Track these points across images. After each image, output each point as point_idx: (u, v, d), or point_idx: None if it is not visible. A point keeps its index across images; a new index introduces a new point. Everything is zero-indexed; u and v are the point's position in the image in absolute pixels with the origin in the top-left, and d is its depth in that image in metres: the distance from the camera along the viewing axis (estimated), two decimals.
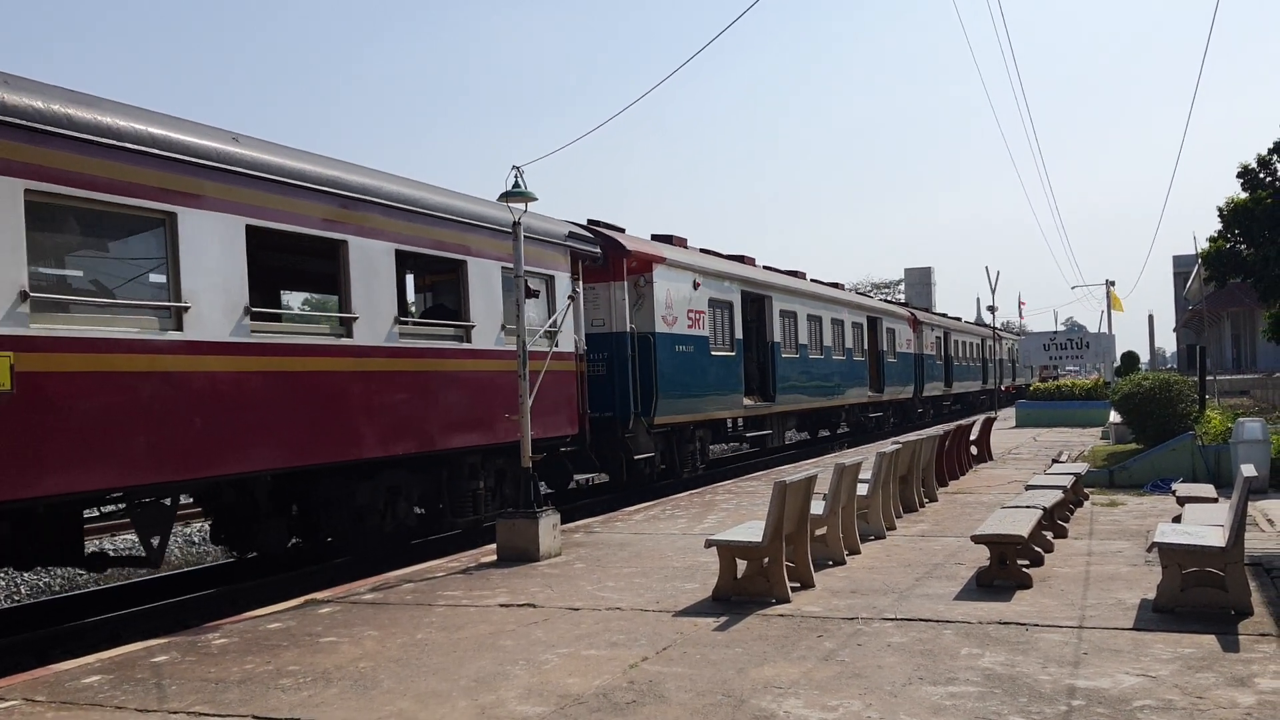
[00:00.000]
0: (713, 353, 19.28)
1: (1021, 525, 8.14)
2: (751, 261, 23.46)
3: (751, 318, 22.24)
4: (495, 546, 10.26)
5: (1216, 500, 10.03)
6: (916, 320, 36.11)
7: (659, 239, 19.14)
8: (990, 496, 13.62)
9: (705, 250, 21.16)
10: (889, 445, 12.13)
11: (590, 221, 17.11)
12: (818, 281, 28.61)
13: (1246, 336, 52.59)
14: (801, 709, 5.15)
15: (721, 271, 20.29)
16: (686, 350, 18.14)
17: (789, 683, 5.59)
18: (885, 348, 31.75)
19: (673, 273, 17.93)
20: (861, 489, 10.23)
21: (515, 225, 10.56)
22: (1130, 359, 36.70)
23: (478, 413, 12.15)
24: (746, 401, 21.08)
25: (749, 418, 21.78)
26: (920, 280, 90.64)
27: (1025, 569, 8.11)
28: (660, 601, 7.82)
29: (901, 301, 55.48)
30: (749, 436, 22.47)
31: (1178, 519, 8.97)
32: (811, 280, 27.67)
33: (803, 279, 26.57)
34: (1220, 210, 23.47)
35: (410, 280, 14.74)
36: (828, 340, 26.16)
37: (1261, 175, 22.91)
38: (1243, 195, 23.16)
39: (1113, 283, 35.63)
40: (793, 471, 14.17)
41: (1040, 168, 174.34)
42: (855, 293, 36.79)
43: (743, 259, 22.93)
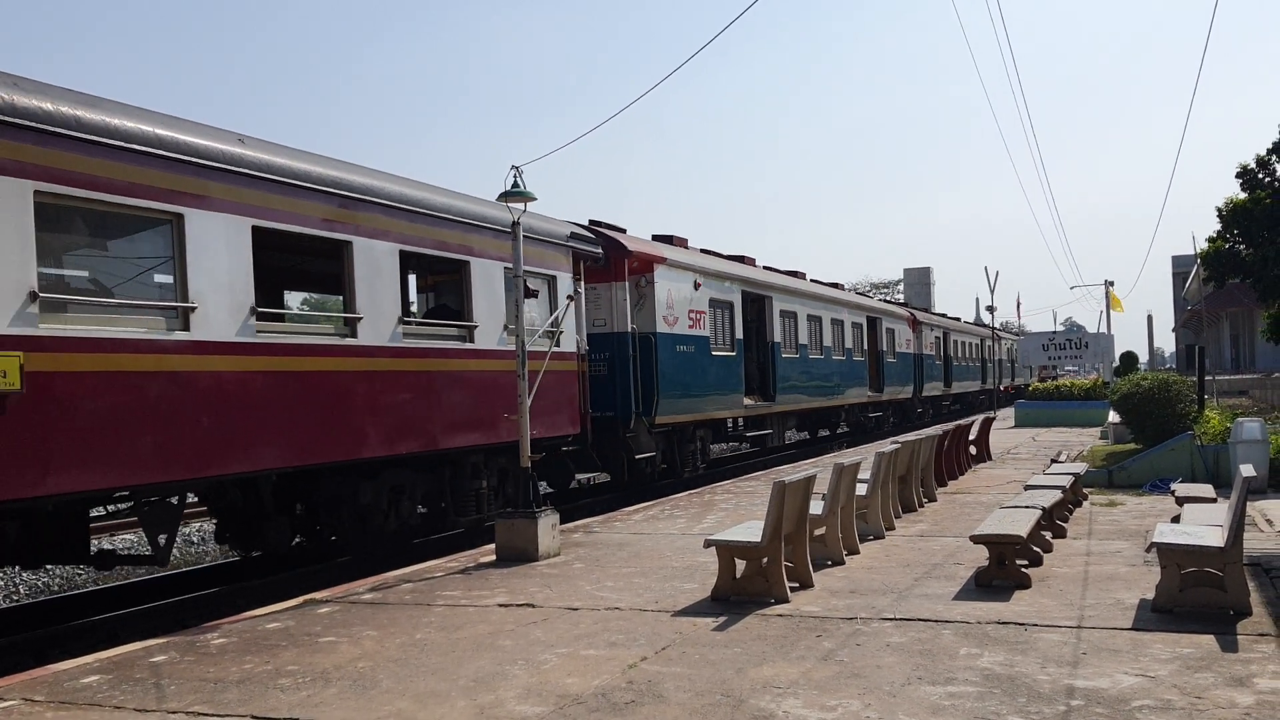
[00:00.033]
0: (713, 353, 19.30)
1: (1020, 525, 8.14)
2: (752, 262, 23.47)
3: (752, 318, 22.26)
4: (494, 546, 10.28)
5: (1215, 500, 10.04)
6: (916, 320, 36.13)
7: (660, 239, 19.14)
8: (989, 496, 13.62)
9: (706, 250, 21.17)
10: (888, 445, 12.13)
11: (592, 222, 17.10)
12: (818, 282, 28.63)
13: (1245, 337, 52.60)
14: (800, 709, 5.15)
15: (722, 272, 20.30)
16: (687, 350, 18.16)
17: (788, 682, 5.59)
18: (885, 348, 31.77)
19: (674, 273, 17.95)
20: (860, 489, 10.23)
21: (514, 225, 10.60)
22: (1129, 359, 36.69)
23: (480, 412, 12.17)
24: (747, 401, 21.10)
25: (749, 417, 21.79)
26: (919, 280, 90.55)
27: (1024, 569, 8.11)
28: (659, 601, 7.82)
29: (900, 301, 55.49)
30: (749, 436, 22.48)
31: (1176, 519, 8.98)
32: (811, 280, 27.69)
33: (803, 279, 26.59)
34: (1219, 210, 23.48)
35: (413, 280, 14.75)
36: (828, 340, 26.17)
37: (1260, 175, 22.91)
38: (1242, 195, 23.16)
39: (1111, 283, 35.65)
40: (791, 471, 14.17)
41: (1039, 168, 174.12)
42: (855, 293, 36.78)
43: (743, 259, 22.93)
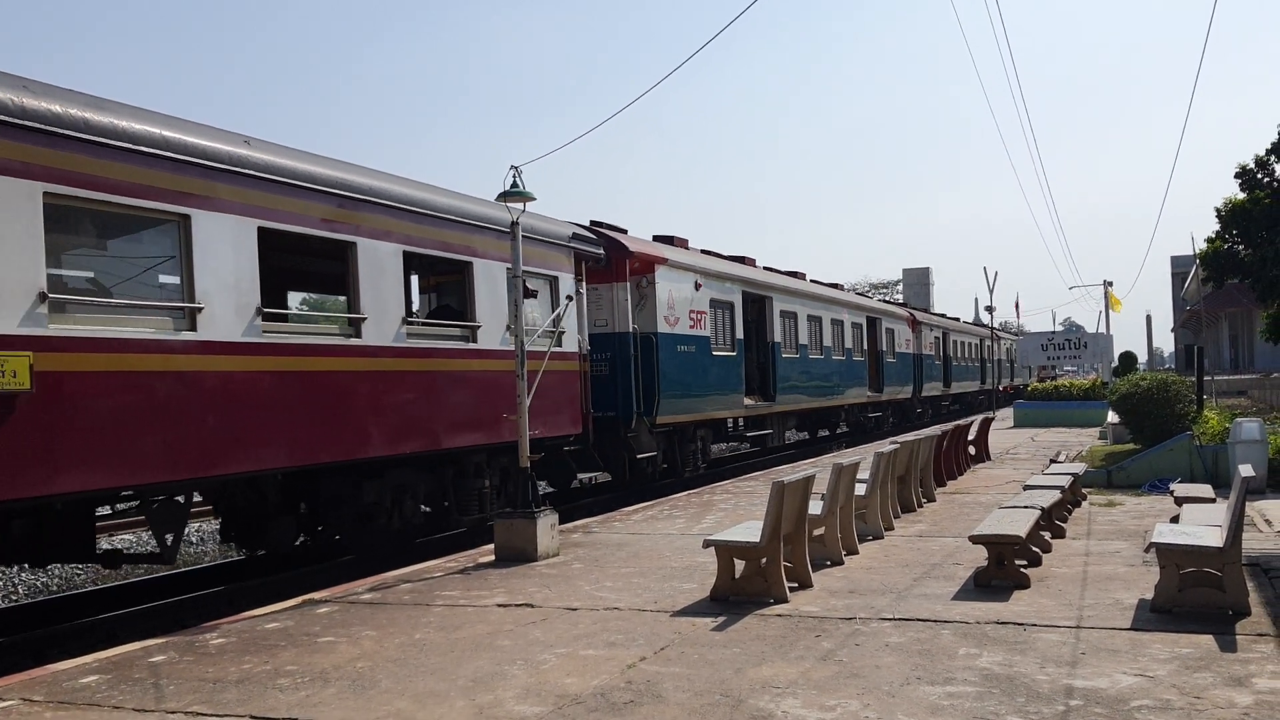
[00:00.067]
0: (714, 353, 19.32)
1: (1019, 525, 8.14)
2: (752, 262, 23.49)
3: (752, 318, 22.29)
4: (493, 546, 10.28)
5: (1214, 500, 10.03)
6: (915, 321, 36.14)
7: (661, 240, 19.16)
8: (988, 497, 13.62)
9: (706, 251, 21.19)
10: (887, 445, 12.13)
11: (593, 223, 17.12)
12: (817, 282, 28.65)
13: (1244, 337, 52.59)
14: (799, 709, 5.15)
15: (723, 272, 20.32)
16: (688, 350, 18.19)
17: (787, 682, 5.59)
18: (884, 348, 31.79)
19: (675, 274, 17.98)
20: (859, 489, 10.23)
21: (513, 225, 10.62)
22: (1128, 359, 36.64)
23: (483, 412, 12.20)
24: (747, 401, 21.12)
25: (750, 417, 21.82)
26: (918, 280, 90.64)
27: (1023, 569, 8.11)
28: (658, 601, 7.82)
29: (899, 302, 55.52)
30: (750, 436, 22.51)
31: (1175, 519, 8.97)
32: (811, 281, 27.71)
33: (802, 280, 26.61)
34: (1218, 211, 23.48)
35: (416, 281, 14.75)
36: (827, 340, 26.19)
37: (1259, 176, 22.90)
38: (1240, 196, 23.16)
39: (1110, 283, 35.76)
40: (790, 472, 14.17)
41: (1039, 168, 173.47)
42: (854, 293, 36.81)
43: (743, 260, 22.95)
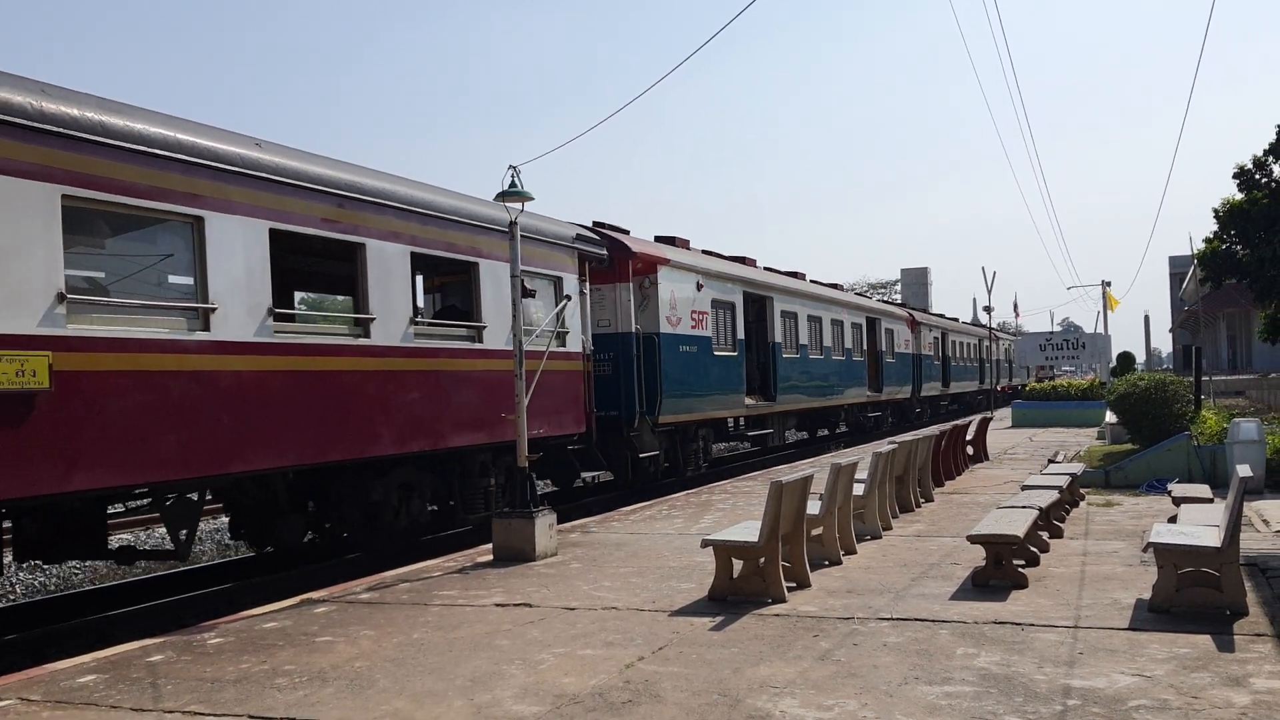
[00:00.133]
0: (715, 353, 19.36)
1: (1017, 525, 8.14)
2: (753, 263, 23.54)
3: (753, 318, 22.35)
4: (491, 546, 10.28)
5: (1212, 500, 10.04)
6: (915, 321, 36.16)
7: (663, 240, 19.21)
8: (986, 497, 13.63)
9: (708, 251, 21.24)
10: (885, 445, 12.13)
11: (595, 223, 17.18)
12: (817, 282, 28.68)
13: (1242, 337, 52.65)
14: (797, 709, 5.15)
15: (724, 273, 20.37)
16: (690, 350, 18.23)
17: (785, 682, 5.60)
18: (884, 348, 31.81)
19: (677, 274, 18.02)
20: (858, 489, 10.23)
21: (512, 225, 10.63)
22: (1126, 359, 36.61)
23: (488, 412, 12.23)
24: (748, 401, 21.17)
25: (750, 417, 21.87)
26: (916, 280, 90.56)
27: (1021, 569, 8.11)
28: (656, 601, 7.83)
29: (898, 302, 55.55)
30: (750, 436, 22.56)
31: (1173, 519, 8.98)
32: (811, 281, 27.74)
33: (802, 280, 26.64)
34: (1216, 211, 23.46)
35: (421, 281, 14.79)
36: (828, 341, 26.23)
37: (1257, 176, 22.88)
38: (1238, 196, 23.14)
39: (1109, 283, 35.71)
40: (789, 471, 14.17)
41: (1037, 168, 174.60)
42: (853, 293, 36.83)
43: (744, 260, 23.00)
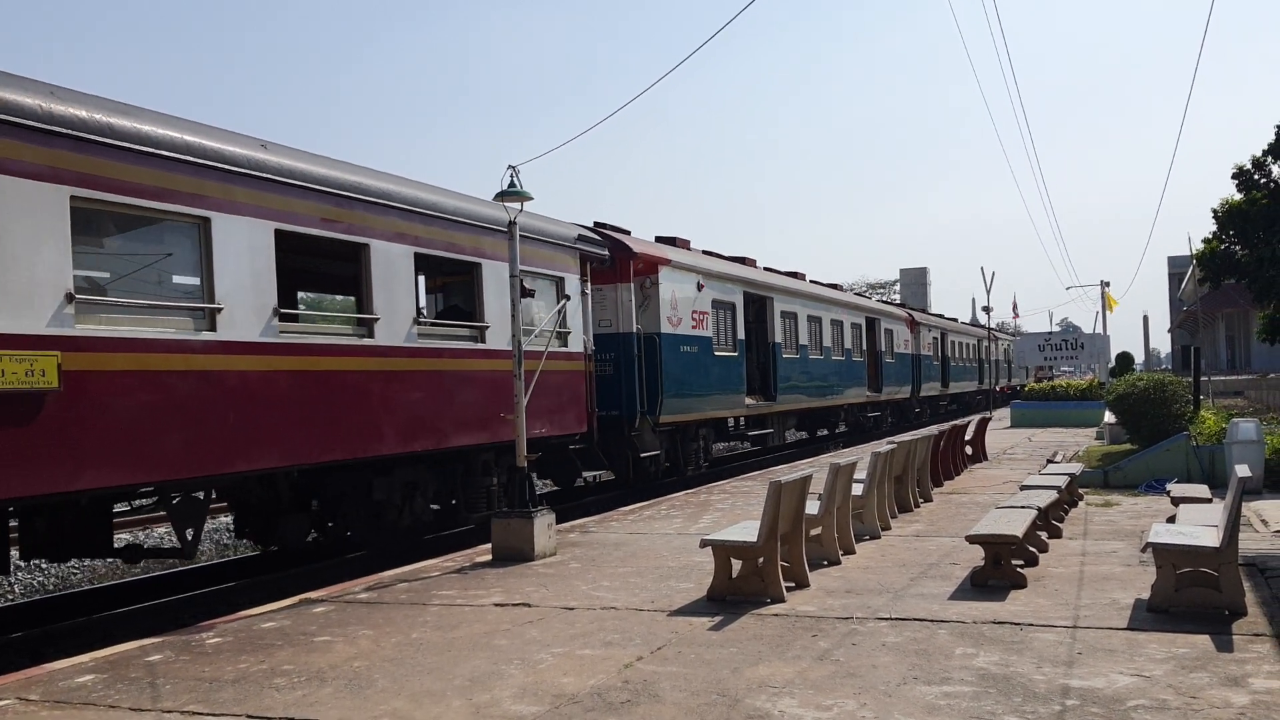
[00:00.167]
0: (716, 353, 19.39)
1: (1016, 525, 8.15)
2: (753, 263, 23.58)
3: (753, 318, 22.38)
4: (490, 546, 10.28)
5: (1211, 501, 10.04)
6: (914, 321, 36.17)
7: (663, 241, 19.24)
8: (985, 497, 13.63)
9: (708, 252, 21.27)
10: (884, 445, 12.14)
11: (596, 224, 17.23)
12: (817, 283, 28.72)
13: (1241, 337, 52.70)
14: (796, 708, 5.15)
15: (724, 273, 20.39)
16: (691, 351, 18.26)
17: (784, 682, 5.59)
18: (883, 348, 31.83)
19: (677, 274, 18.05)
20: (857, 489, 10.23)
21: (510, 224, 10.64)
22: (1125, 360, 36.62)
23: (491, 411, 12.26)
24: (748, 401, 21.20)
25: (751, 417, 21.90)
26: (915, 280, 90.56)
27: (1020, 569, 8.11)
28: (655, 601, 7.83)
29: (897, 302, 55.57)
30: (751, 435, 22.59)
31: (1172, 519, 8.99)
32: (811, 281, 27.77)
33: (802, 280, 26.67)
34: (1215, 212, 23.45)
35: (424, 281, 14.81)
36: (827, 341, 26.26)
37: (1256, 176, 22.87)
38: (1237, 196, 23.14)
39: (1107, 284, 35.67)
40: (788, 471, 14.18)
41: (1036, 169, 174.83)
42: (853, 294, 36.85)
43: (744, 260, 23.04)
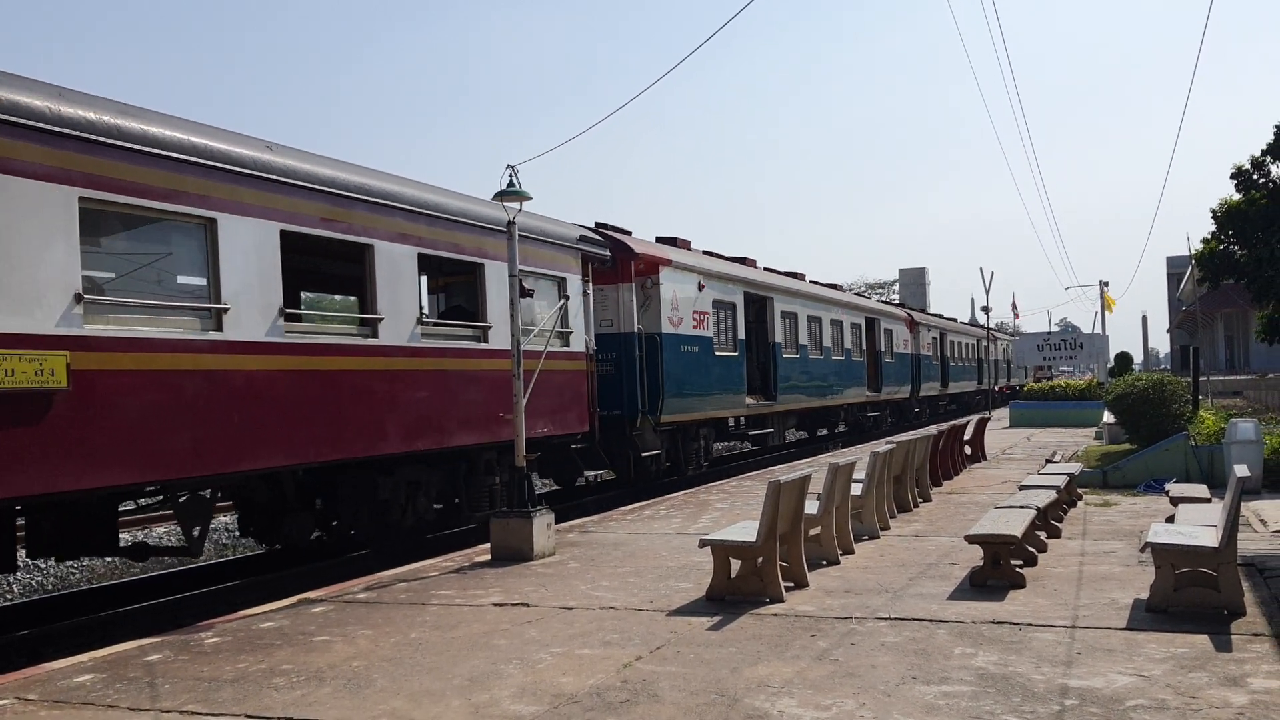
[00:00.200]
0: (716, 353, 19.42)
1: (1015, 525, 8.15)
2: (753, 263, 23.61)
3: (753, 318, 22.42)
4: (489, 546, 10.28)
5: (1210, 501, 10.05)
6: (914, 321, 36.18)
7: (664, 241, 19.28)
8: (984, 496, 13.63)
9: (708, 252, 21.30)
10: (883, 445, 12.14)
11: (598, 224, 17.27)
12: (817, 283, 28.75)
13: (1240, 338, 52.69)
14: (795, 708, 5.15)
15: (725, 273, 20.43)
16: (691, 350, 18.30)
17: (783, 682, 5.60)
18: (883, 348, 31.85)
19: (678, 275, 18.09)
20: (856, 489, 10.24)
21: (510, 224, 10.65)
22: (1124, 360, 36.64)
23: (494, 411, 12.28)
24: (749, 401, 21.23)
25: (751, 416, 21.93)
26: (915, 280, 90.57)
27: (1019, 569, 8.12)
28: (654, 601, 7.83)
29: (896, 302, 55.58)
30: (751, 435, 22.62)
31: (1171, 519, 9.00)
32: (811, 281, 27.80)
33: (802, 280, 26.69)
34: (1213, 212, 23.46)
35: (427, 281, 14.82)
36: (827, 341, 26.29)
37: (1255, 176, 22.87)
38: (1236, 197, 23.16)
39: (1106, 284, 35.73)
40: (787, 471, 14.18)
41: (1035, 169, 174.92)
42: (853, 294, 36.87)
43: (744, 260, 23.07)
